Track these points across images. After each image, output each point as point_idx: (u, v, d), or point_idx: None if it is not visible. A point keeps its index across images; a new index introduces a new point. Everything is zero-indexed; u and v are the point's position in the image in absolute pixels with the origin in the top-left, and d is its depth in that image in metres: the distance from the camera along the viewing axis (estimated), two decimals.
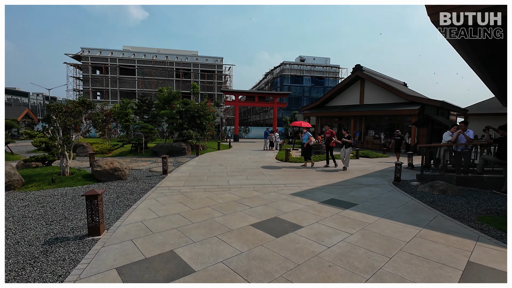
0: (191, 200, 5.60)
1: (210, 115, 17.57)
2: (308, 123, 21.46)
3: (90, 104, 7.48)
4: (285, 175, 8.68)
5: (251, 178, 8.16)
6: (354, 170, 10.05)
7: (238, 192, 6.37)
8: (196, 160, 12.23)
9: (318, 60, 47.61)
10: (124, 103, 20.89)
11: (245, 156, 14.00)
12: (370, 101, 23.61)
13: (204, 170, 9.38)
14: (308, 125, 20.91)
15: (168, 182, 7.42)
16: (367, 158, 14.46)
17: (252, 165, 10.79)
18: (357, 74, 23.74)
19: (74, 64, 38.28)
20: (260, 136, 35.39)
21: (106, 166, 7.28)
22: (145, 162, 11.49)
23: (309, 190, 6.65)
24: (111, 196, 5.82)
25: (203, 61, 41.83)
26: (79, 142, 17.45)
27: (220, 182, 7.44)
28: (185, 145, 14.79)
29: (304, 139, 11.07)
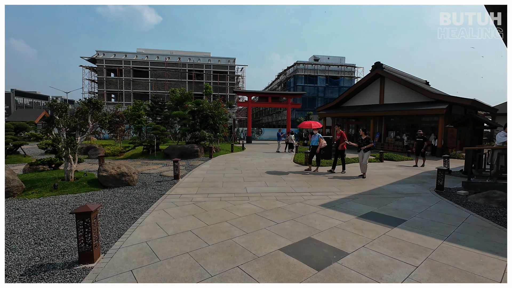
0: (205, 212, 4.81)
1: (223, 115, 16.87)
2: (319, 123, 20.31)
3: (96, 103, 6.87)
4: (308, 181, 7.77)
5: (271, 184, 7.30)
6: (383, 175, 9.00)
7: (259, 202, 5.53)
8: (209, 163, 11.51)
9: (332, 59, 46.24)
10: (137, 104, 20.61)
11: (261, 159, 13.16)
12: (391, 100, 22.24)
13: (219, 175, 8.61)
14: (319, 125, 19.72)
15: (180, 188, 6.69)
16: (392, 161, 13.28)
17: (269, 169, 9.93)
18: (376, 72, 22.42)
19: (89, 67, 38.86)
20: (273, 138, 34.46)
21: (112, 171, 6.64)
22: (156, 165, 10.87)
23: (340, 201, 5.72)
24: (115, 206, 5.13)
25: (216, 62, 41.48)
26: (91, 143, 17.20)
27: (237, 189, 6.63)
28: (198, 147, 14.14)
29: (314, 141, 9.77)
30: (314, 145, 9.75)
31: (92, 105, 6.94)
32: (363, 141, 8.61)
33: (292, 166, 10.98)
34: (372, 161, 12.68)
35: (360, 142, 8.67)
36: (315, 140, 9.74)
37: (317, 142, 9.58)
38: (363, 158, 8.54)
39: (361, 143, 8.62)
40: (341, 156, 9.60)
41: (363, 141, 8.61)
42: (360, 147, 8.59)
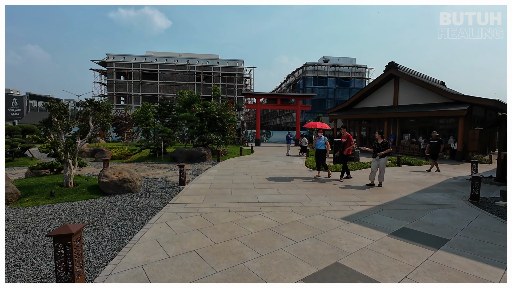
0: (212, 226, 4.24)
1: (232, 117, 16.36)
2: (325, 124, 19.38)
3: (97, 104, 6.44)
4: (325, 189, 7.11)
5: (284, 192, 6.68)
6: (406, 182, 8.23)
7: (272, 213, 4.92)
8: (218, 167, 10.98)
9: (342, 60, 45.35)
10: (145, 106, 20.40)
11: (271, 163, 12.54)
12: (406, 101, 21.29)
13: (227, 181, 8.05)
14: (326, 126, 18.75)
15: (185, 196, 6.15)
16: (410, 166, 12.44)
17: (281, 175, 9.30)
18: (390, 73, 21.52)
19: (99, 70, 39.26)
20: (282, 140, 33.77)
21: (113, 176, 6.17)
22: (162, 170, 10.42)
23: (365, 213, 5.05)
24: (113, 218, 4.62)
25: (224, 64, 41.25)
26: (98, 146, 16.99)
27: (247, 198, 6.04)
28: (205, 150, 13.66)
29: (320, 144, 8.76)
30: (319, 148, 8.76)
31: (94, 106, 6.51)
32: (379, 146, 7.49)
33: (305, 171, 10.32)
34: (389, 165, 11.87)
35: (376, 147, 7.55)
36: (321, 143, 8.74)
37: (324, 145, 8.69)
38: (378, 165, 7.46)
39: (378, 148, 7.50)
40: (344, 161, 8.48)
41: (379, 146, 7.49)
42: (376, 153, 7.49)
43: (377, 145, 7.58)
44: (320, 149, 8.76)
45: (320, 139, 8.81)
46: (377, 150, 7.51)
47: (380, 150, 7.47)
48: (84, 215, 4.73)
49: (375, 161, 7.58)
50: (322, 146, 8.73)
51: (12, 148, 13.24)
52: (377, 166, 7.50)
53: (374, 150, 7.62)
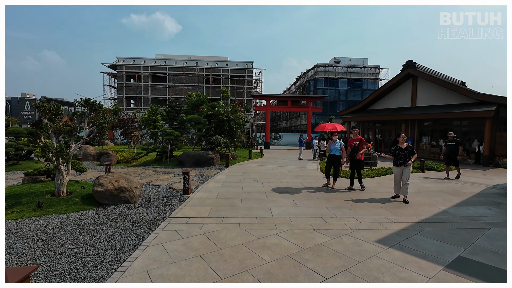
0: (218, 251, 3.46)
1: (241, 120, 15.63)
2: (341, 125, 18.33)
3: (94, 104, 5.81)
4: (347, 200, 6.22)
5: (301, 204, 5.84)
6: (439, 192, 7.23)
7: (291, 233, 4.10)
8: (226, 173, 10.23)
9: (354, 61, 44.08)
10: (153, 109, 19.98)
11: (283, 168, 11.70)
12: (425, 102, 20.06)
13: (236, 189, 7.27)
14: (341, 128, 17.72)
15: (189, 208, 5.40)
16: (435, 172, 11.32)
17: (295, 182, 8.46)
18: (408, 72, 20.35)
19: (110, 73, 39.51)
20: (292, 143, 32.86)
21: (109, 185, 5.50)
22: (167, 175, 9.76)
23: (403, 233, 4.16)
24: (102, 236, 3.91)
25: (233, 66, 40.78)
26: (104, 149, 16.60)
27: (260, 211, 5.24)
28: (213, 154, 12.96)
29: (334, 149, 7.44)
30: (334, 154, 7.45)
31: (90, 107, 5.88)
32: (403, 152, 6.15)
33: (321, 177, 9.42)
34: (412, 171, 10.80)
35: (399, 153, 6.22)
36: (336, 148, 7.43)
37: (340, 151, 7.41)
38: (402, 175, 6.14)
39: (402, 154, 6.17)
40: (358, 168, 7.28)
41: (403, 152, 6.15)
42: (400, 161, 6.17)
43: (401, 151, 6.21)
44: (335, 155, 7.46)
45: (336, 143, 7.48)
46: (401, 157, 6.18)
47: (406, 157, 6.14)
48: (70, 232, 4.04)
49: (399, 171, 6.21)
50: (337, 152, 7.45)
51: (17, 151, 12.94)
52: (401, 176, 6.21)
53: (396, 157, 6.29)
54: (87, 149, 15.94)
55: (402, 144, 6.31)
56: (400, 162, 6.20)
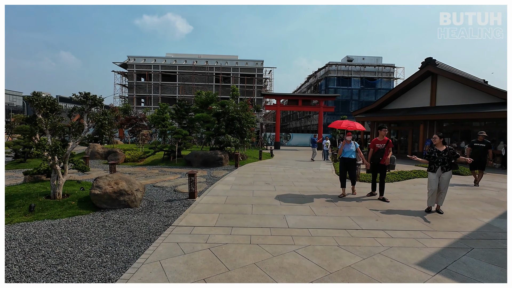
0: (226, 274, 2.86)
1: (251, 118, 15.02)
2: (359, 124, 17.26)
3: (94, 99, 5.34)
4: (372, 208, 5.51)
5: (320, 212, 5.18)
6: (475, 200, 6.40)
7: (311, 250, 3.46)
8: (235, 174, 9.65)
9: (368, 60, 42.75)
10: (162, 107, 19.68)
11: (295, 170, 11.03)
12: (445, 102, 18.92)
13: (246, 193, 6.67)
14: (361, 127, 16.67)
15: (194, 215, 4.84)
16: (460, 176, 10.36)
17: (310, 185, 7.79)
18: (427, 70, 19.26)
19: (121, 72, 39.74)
20: (303, 144, 32.06)
21: (108, 188, 5.01)
22: (174, 176, 9.27)
23: (447, 253, 3.45)
24: (93, 248, 3.39)
25: (243, 64, 40.26)
26: (112, 148, 16.37)
27: (273, 220, 4.62)
28: (222, 154, 12.42)
29: (349, 152, 6.43)
30: (347, 157, 6.42)
31: (90, 102, 5.41)
32: (441, 155, 5.22)
33: (337, 180, 8.68)
34: None
35: (435, 157, 5.29)
36: (350, 150, 6.43)
37: (355, 153, 6.47)
38: (440, 183, 5.21)
39: (439, 158, 5.25)
40: (382, 174, 6.27)
41: (441, 155, 5.22)
42: (436, 165, 5.23)
43: (438, 154, 5.28)
44: (350, 158, 6.41)
45: (350, 144, 6.46)
46: (438, 161, 5.27)
47: (444, 161, 5.21)
48: (58, 242, 3.55)
49: (435, 177, 5.26)
50: (353, 155, 6.43)
51: (25, 149, 12.78)
52: (437, 183, 5.28)
53: (432, 161, 5.36)
54: (95, 148, 15.73)
55: (439, 145, 5.40)
56: (437, 167, 5.28)
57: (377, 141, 6.31)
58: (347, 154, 6.45)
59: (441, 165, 5.27)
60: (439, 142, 5.42)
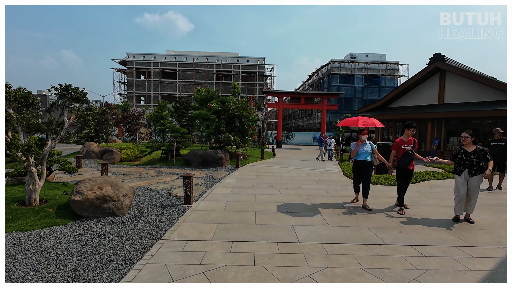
0: None
1: (253, 116, 14.35)
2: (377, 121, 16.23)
3: (76, 92, 4.68)
4: (391, 216, 4.85)
5: (333, 221, 4.51)
6: (503, 206, 5.71)
7: (330, 275, 2.79)
8: (236, 175, 9.00)
9: (371, 57, 41.90)
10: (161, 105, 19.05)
11: (300, 171, 10.36)
12: (454, 99, 18.19)
13: (248, 197, 6.02)
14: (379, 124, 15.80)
15: (188, 226, 4.19)
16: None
17: (318, 189, 7.13)
18: (436, 66, 18.54)
19: (120, 69, 39.10)
20: (305, 143, 31.37)
21: (90, 193, 4.36)
22: (170, 177, 8.64)
23: (502, 279, 2.79)
24: (60, 273, 2.74)
25: (244, 61, 39.53)
26: (108, 147, 15.74)
27: (280, 232, 3.96)
28: (222, 154, 11.77)
29: (364, 153, 5.50)
30: (363, 160, 5.46)
31: (71, 95, 4.76)
32: (469, 157, 4.53)
33: (347, 183, 8.04)
34: (450, 177, 9.22)
35: (462, 158, 4.61)
36: (366, 151, 5.49)
37: (371, 155, 5.55)
38: (468, 188, 4.54)
39: (467, 160, 4.55)
40: (407, 181, 5.31)
41: (469, 157, 4.53)
42: (463, 168, 4.57)
43: (465, 156, 4.58)
44: (366, 161, 5.46)
45: (365, 145, 5.53)
46: (465, 163, 4.56)
47: (472, 164, 4.50)
48: (20, 263, 2.90)
49: (462, 181, 4.56)
50: (368, 157, 5.50)
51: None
52: (466, 189, 4.55)
53: (458, 163, 4.68)
54: (90, 146, 15.11)
55: (468, 146, 4.66)
56: (463, 170, 4.58)
57: (402, 141, 5.25)
58: (362, 156, 5.50)
59: (469, 168, 4.55)
60: (469, 142, 4.65)
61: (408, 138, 5.22)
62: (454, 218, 4.75)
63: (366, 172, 5.46)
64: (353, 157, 5.65)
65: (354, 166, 5.65)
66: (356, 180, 5.69)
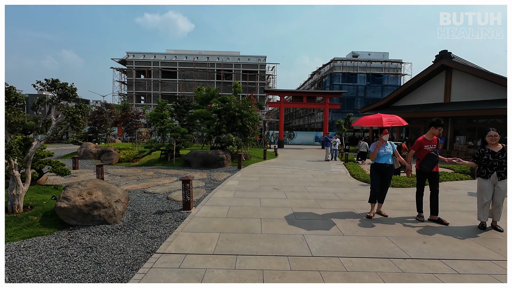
0: None
1: (254, 115, 13.92)
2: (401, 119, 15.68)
3: (64, 87, 4.26)
4: (410, 223, 4.42)
5: (348, 229, 4.08)
6: None
7: None
8: (238, 177, 8.57)
9: (374, 55, 41.37)
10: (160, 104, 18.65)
11: (305, 172, 9.92)
12: (461, 97, 17.74)
13: (253, 202, 5.59)
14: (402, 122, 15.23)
15: (187, 236, 3.76)
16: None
17: (326, 191, 6.69)
18: (442, 63, 18.07)
19: (119, 68, 38.70)
20: (307, 142, 30.92)
21: (78, 199, 3.93)
22: (169, 178, 8.22)
23: None
24: None
25: (245, 60, 39.07)
26: (107, 147, 15.33)
27: (290, 244, 3.53)
28: (224, 154, 11.34)
29: (386, 156, 4.77)
30: (383, 163, 4.74)
31: (59, 91, 4.33)
32: (496, 158, 4.07)
33: (355, 184, 7.60)
34: (463, 178, 8.79)
35: (488, 159, 4.12)
36: (388, 154, 4.75)
37: (391, 158, 4.85)
38: (495, 193, 4.12)
39: (494, 161, 4.08)
40: (434, 183, 4.62)
41: (496, 158, 4.07)
42: (490, 170, 4.11)
43: (492, 156, 4.09)
44: (387, 164, 4.73)
45: (386, 145, 4.78)
46: (492, 164, 4.09)
47: (501, 165, 4.04)
48: None
49: (489, 186, 4.12)
50: (390, 159, 4.78)
51: None
52: (492, 193, 4.12)
53: (484, 165, 4.17)
54: (88, 147, 14.70)
55: (494, 145, 4.17)
56: (490, 173, 4.10)
57: (426, 141, 4.58)
58: (383, 159, 4.73)
59: (497, 170, 4.10)
60: (495, 140, 4.14)
61: (432, 137, 4.65)
62: (480, 225, 4.31)
63: (387, 177, 4.80)
64: (373, 160, 4.86)
65: (374, 171, 4.85)
66: (375, 186, 4.77)
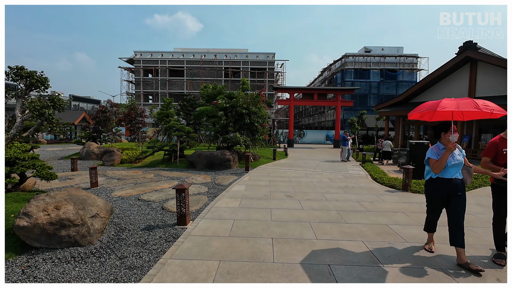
0: None
1: (263, 112, 12.98)
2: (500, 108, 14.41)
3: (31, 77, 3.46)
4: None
5: (387, 257, 3.11)
6: None
7: None
8: (246, 181, 7.66)
9: (387, 50, 39.65)
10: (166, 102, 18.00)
11: (320, 174, 8.93)
12: (487, 92, 16.25)
13: (262, 214, 4.66)
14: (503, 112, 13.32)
15: (177, 265, 2.88)
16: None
17: (347, 199, 5.70)
18: (466, 55, 16.62)
19: (127, 68, 38.49)
20: (317, 141, 29.80)
21: (41, 216, 3.12)
22: (169, 182, 7.41)
23: None
24: None
25: (254, 57, 38.12)
26: (110, 147, 14.75)
27: (312, 278, 2.60)
28: (230, 155, 10.47)
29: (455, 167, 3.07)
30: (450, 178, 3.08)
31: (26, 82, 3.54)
32: None
33: (380, 190, 6.56)
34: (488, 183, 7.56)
35: None
36: (458, 163, 3.07)
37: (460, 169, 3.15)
38: None
39: None
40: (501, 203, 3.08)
41: None
42: None
43: None
44: (457, 179, 3.10)
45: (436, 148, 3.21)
46: None
47: None
48: None
49: None
50: (458, 173, 3.14)
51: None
52: None
53: None
54: (90, 147, 14.15)
55: None
56: None
57: (503, 141, 3.13)
58: (451, 171, 3.10)
59: None
60: None
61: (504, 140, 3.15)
62: None
63: (456, 199, 3.06)
64: (437, 173, 3.11)
65: (435, 191, 3.20)
66: (435, 210, 3.28)
